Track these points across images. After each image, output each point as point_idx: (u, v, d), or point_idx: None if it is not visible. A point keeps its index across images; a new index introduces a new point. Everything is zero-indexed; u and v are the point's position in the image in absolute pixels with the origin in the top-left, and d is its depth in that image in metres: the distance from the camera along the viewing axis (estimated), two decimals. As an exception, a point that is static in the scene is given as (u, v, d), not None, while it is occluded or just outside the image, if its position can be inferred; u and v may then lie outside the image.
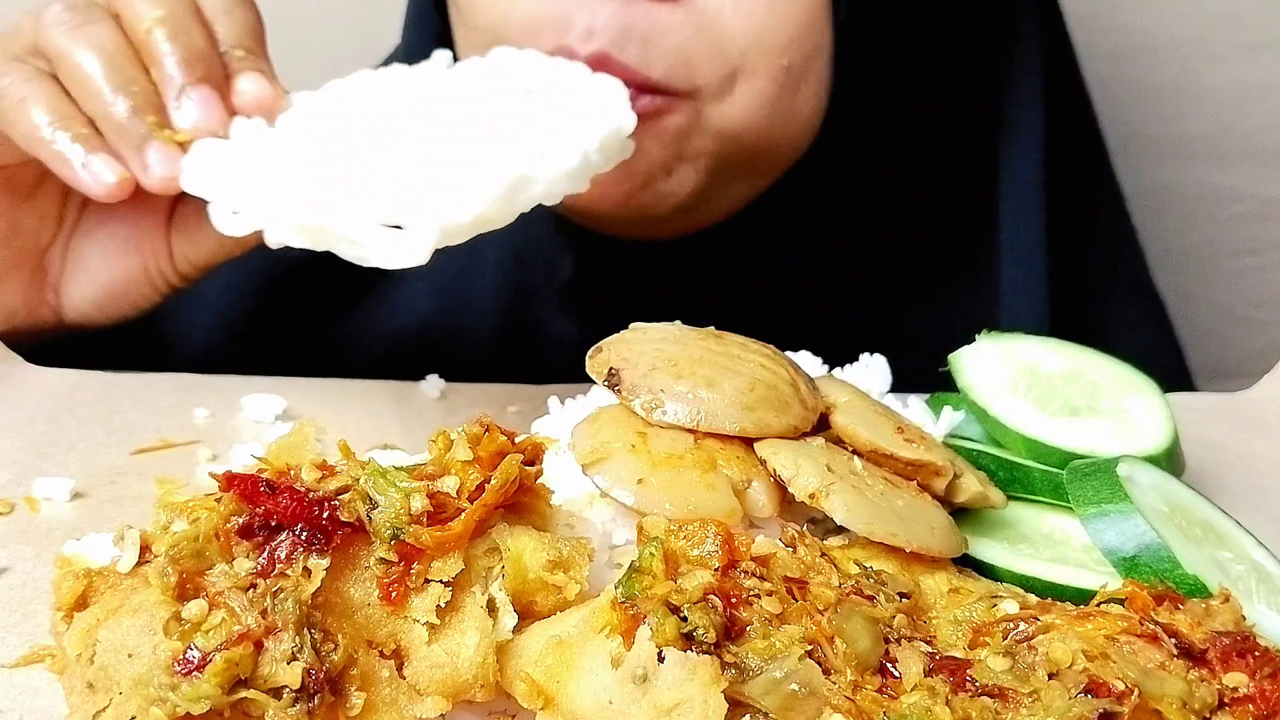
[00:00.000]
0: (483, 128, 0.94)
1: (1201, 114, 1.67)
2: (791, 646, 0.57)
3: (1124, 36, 1.61)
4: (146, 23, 0.95)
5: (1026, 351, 0.95)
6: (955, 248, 1.33)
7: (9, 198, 1.01)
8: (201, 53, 0.97)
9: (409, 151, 0.92)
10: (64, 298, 1.07)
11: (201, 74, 0.96)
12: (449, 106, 0.97)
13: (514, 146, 0.92)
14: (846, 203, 1.26)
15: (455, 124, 0.95)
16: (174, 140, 0.95)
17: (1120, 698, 0.56)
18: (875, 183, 1.27)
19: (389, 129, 0.96)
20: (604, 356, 0.81)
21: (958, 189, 1.32)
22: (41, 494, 0.85)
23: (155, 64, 0.96)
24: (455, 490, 0.64)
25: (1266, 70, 1.65)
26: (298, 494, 0.62)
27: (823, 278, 1.29)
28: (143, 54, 0.96)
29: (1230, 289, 1.78)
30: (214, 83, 0.97)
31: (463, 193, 0.89)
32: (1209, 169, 1.71)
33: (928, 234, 1.33)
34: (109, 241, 1.06)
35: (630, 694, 0.56)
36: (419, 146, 0.93)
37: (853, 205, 1.27)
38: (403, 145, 0.93)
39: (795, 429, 0.77)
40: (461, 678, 0.62)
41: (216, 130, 0.97)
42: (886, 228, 1.31)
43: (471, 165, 0.90)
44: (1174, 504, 0.78)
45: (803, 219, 1.25)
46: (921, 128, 1.28)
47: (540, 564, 0.64)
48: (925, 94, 1.26)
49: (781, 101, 1.09)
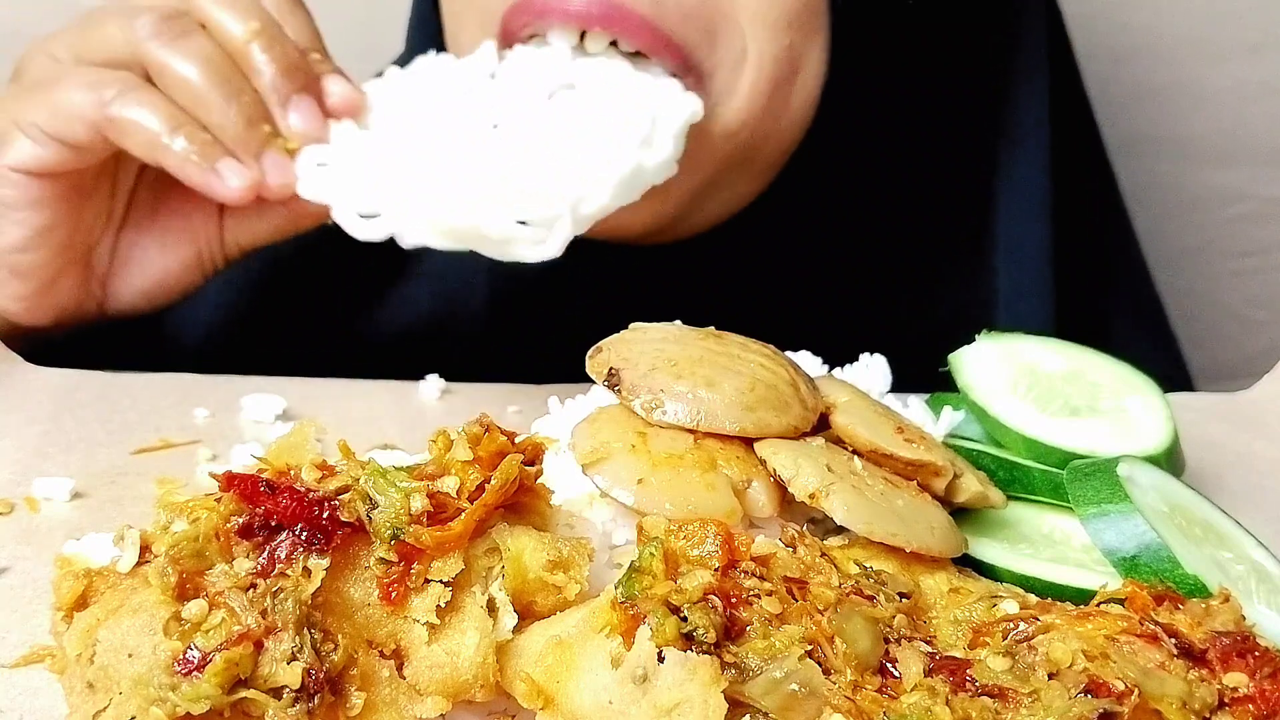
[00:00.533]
0: (584, 122, 0.99)
1: (1202, 114, 1.67)
2: (791, 646, 0.57)
3: (1124, 36, 1.61)
4: (244, 35, 0.99)
5: (1026, 351, 0.95)
6: (956, 248, 1.33)
7: (74, 199, 1.03)
8: (297, 62, 1.01)
9: (526, 148, 0.98)
10: (111, 291, 1.10)
11: (301, 83, 1.01)
12: (528, 102, 1.02)
13: (621, 139, 0.98)
14: (847, 203, 1.26)
15: (557, 120, 1.00)
16: (284, 148, 1.00)
17: (1120, 698, 0.56)
18: (875, 183, 1.27)
19: (487, 126, 1.01)
20: (604, 356, 0.81)
21: (957, 189, 1.32)
22: (41, 494, 0.85)
23: (257, 75, 0.99)
24: (455, 490, 0.64)
25: (1268, 70, 1.65)
26: (298, 494, 0.62)
27: (822, 278, 1.29)
28: (241, 65, 0.99)
29: (1230, 289, 1.78)
30: (311, 90, 1.02)
31: (590, 186, 0.96)
32: (1209, 169, 1.71)
33: (928, 234, 1.32)
34: (162, 234, 1.09)
35: (630, 694, 0.56)
36: (534, 142, 0.98)
37: (853, 205, 1.27)
38: (516, 142, 0.98)
39: (795, 429, 0.77)
40: (461, 678, 0.62)
41: (320, 136, 1.01)
42: (886, 228, 1.31)
43: (593, 159, 0.96)
44: (1174, 504, 0.78)
45: (803, 219, 1.25)
46: (920, 127, 1.28)
47: (540, 564, 0.64)
48: (923, 93, 1.26)
49: (779, 90, 1.09)
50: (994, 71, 1.29)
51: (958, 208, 1.32)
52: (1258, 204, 1.73)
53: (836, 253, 1.29)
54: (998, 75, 1.29)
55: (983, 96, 1.29)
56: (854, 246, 1.29)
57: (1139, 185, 1.43)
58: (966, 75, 1.28)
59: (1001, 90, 1.29)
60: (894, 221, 1.31)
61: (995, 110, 1.29)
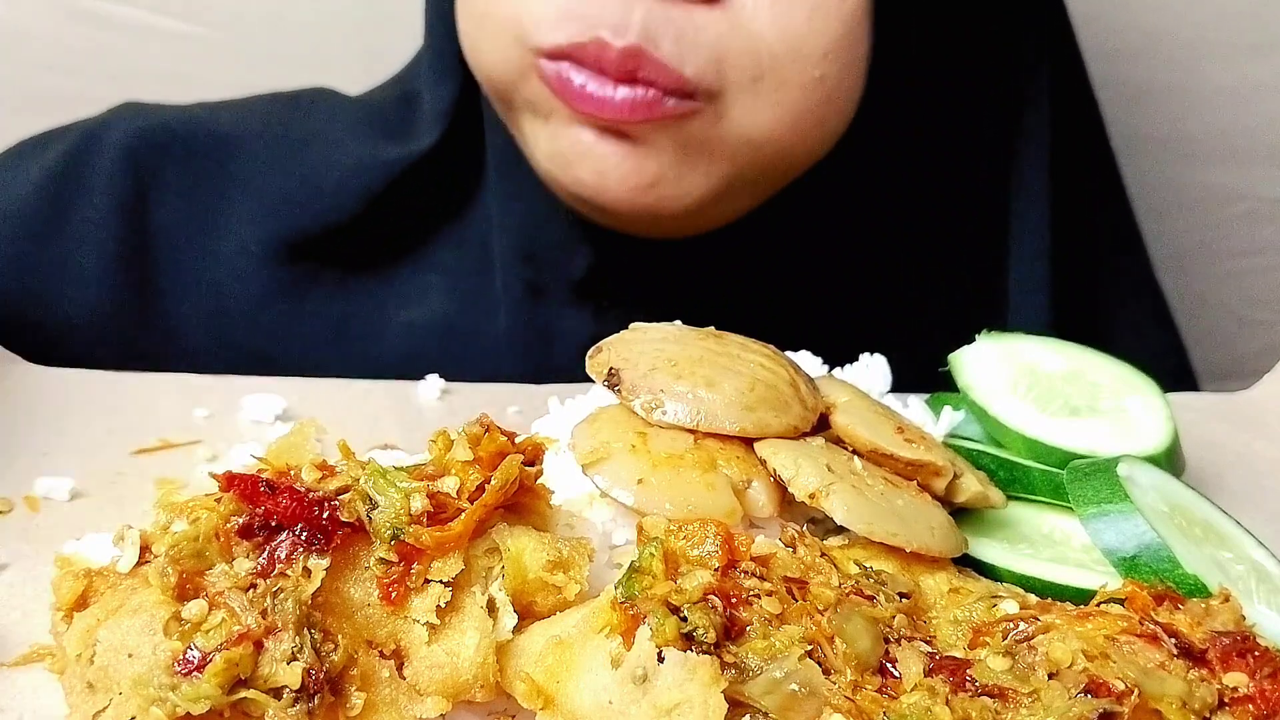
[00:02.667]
0: None
1: (1202, 114, 1.67)
2: (791, 646, 0.57)
3: (1124, 36, 1.61)
4: None
5: (1026, 351, 0.95)
6: (956, 248, 1.33)
7: None
8: None
9: None
10: None
11: None
12: None
13: None
14: (846, 203, 1.26)
15: None
16: None
17: (1120, 698, 0.56)
18: (874, 183, 1.27)
19: None
20: (604, 357, 0.80)
21: (964, 189, 1.31)
22: (41, 493, 0.85)
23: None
24: (455, 490, 0.64)
25: (1268, 70, 1.64)
26: (298, 494, 0.62)
27: (822, 278, 1.29)
28: None
29: (1230, 289, 1.77)
30: None
31: None
32: (1209, 169, 1.70)
33: (927, 234, 1.32)
34: None
35: (630, 694, 0.56)
36: None
37: (852, 205, 1.27)
38: None
39: (795, 429, 0.77)
40: (461, 678, 0.62)
41: None
42: (887, 228, 1.31)
43: None
44: (1174, 504, 0.78)
45: (802, 219, 1.24)
46: (921, 127, 1.28)
47: (540, 564, 0.64)
48: (938, 99, 1.26)
49: (810, 114, 1.07)
50: (1002, 75, 1.28)
51: (962, 209, 1.32)
52: (1258, 204, 1.73)
53: (836, 253, 1.29)
54: (1003, 75, 1.29)
55: (993, 101, 1.29)
56: (853, 246, 1.29)
57: (1139, 185, 1.42)
58: (970, 75, 1.27)
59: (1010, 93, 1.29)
60: (893, 221, 1.31)
61: (1004, 113, 1.29)
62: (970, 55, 1.25)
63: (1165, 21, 1.62)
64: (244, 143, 1.26)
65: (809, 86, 1.04)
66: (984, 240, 1.33)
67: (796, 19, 1.01)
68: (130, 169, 1.22)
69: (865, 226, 1.29)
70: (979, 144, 1.30)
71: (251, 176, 1.24)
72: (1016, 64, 1.29)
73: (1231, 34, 1.63)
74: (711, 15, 1.00)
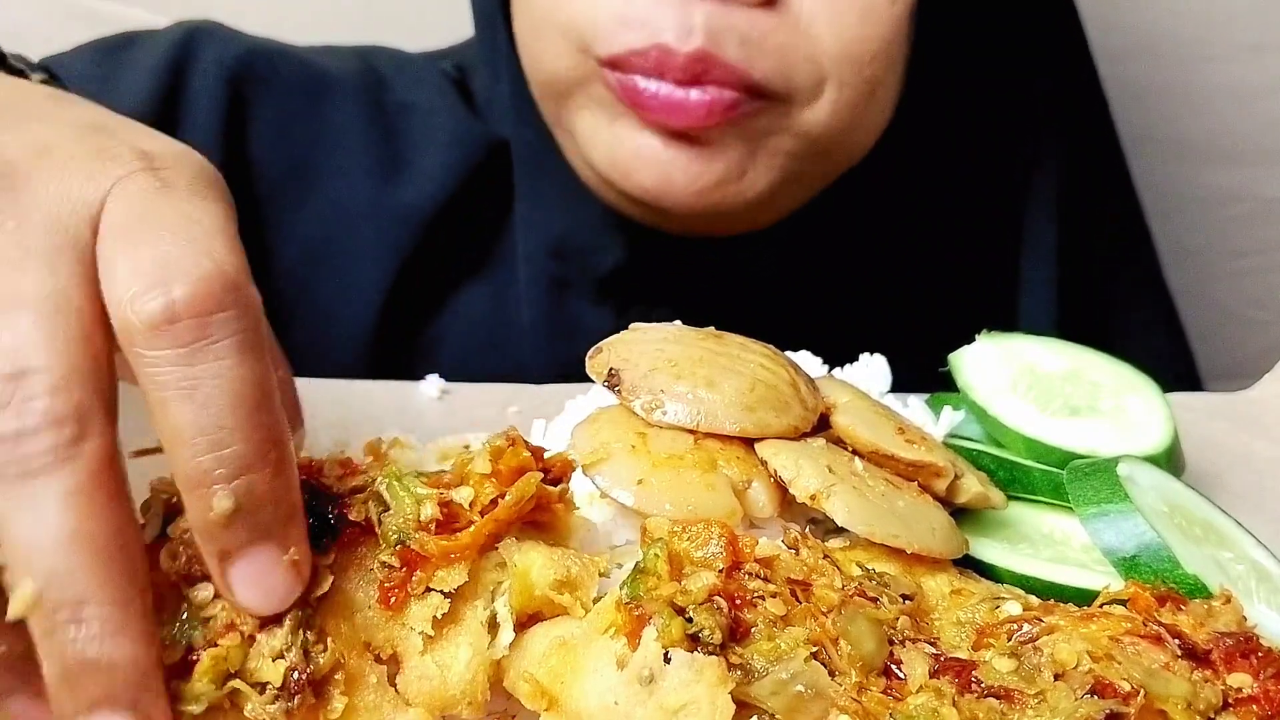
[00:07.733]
0: None
1: (1202, 114, 1.67)
2: (797, 648, 0.57)
3: (1124, 36, 1.61)
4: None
5: (1026, 351, 0.95)
6: (958, 248, 1.33)
7: None
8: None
9: None
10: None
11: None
12: None
13: None
14: (845, 203, 1.26)
15: None
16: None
17: (1126, 698, 0.56)
18: (875, 183, 1.27)
19: None
20: (604, 357, 0.80)
21: (971, 190, 1.31)
22: (42, 494, 0.84)
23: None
24: (469, 502, 0.63)
25: (1268, 71, 1.65)
26: (308, 487, 0.62)
27: (823, 278, 1.29)
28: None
29: (1230, 289, 1.78)
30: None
31: None
32: (1209, 169, 1.71)
33: (931, 234, 1.32)
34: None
35: (636, 695, 0.56)
36: None
37: (851, 206, 1.27)
38: None
39: (795, 429, 0.77)
40: (449, 692, 0.61)
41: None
42: (891, 228, 1.31)
43: None
44: (1174, 504, 0.78)
45: (802, 220, 1.24)
46: (944, 131, 1.28)
47: (547, 581, 0.63)
48: (953, 100, 1.26)
49: (860, 110, 1.08)
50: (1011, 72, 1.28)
51: (963, 208, 1.32)
52: (1258, 204, 1.73)
53: (835, 253, 1.29)
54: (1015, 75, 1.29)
55: (999, 96, 1.29)
56: (853, 246, 1.29)
57: (1139, 185, 1.43)
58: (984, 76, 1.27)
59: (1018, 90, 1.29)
60: (893, 221, 1.31)
61: (1010, 111, 1.29)
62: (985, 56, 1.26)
63: (1165, 21, 1.62)
64: (340, 83, 1.24)
65: (860, 86, 1.06)
66: (984, 240, 1.33)
67: (850, 22, 1.02)
68: (229, 96, 1.19)
69: (870, 226, 1.29)
70: (989, 146, 1.30)
71: (347, 126, 1.23)
72: (1029, 65, 1.29)
73: (1231, 34, 1.63)
74: (771, 20, 1.00)
